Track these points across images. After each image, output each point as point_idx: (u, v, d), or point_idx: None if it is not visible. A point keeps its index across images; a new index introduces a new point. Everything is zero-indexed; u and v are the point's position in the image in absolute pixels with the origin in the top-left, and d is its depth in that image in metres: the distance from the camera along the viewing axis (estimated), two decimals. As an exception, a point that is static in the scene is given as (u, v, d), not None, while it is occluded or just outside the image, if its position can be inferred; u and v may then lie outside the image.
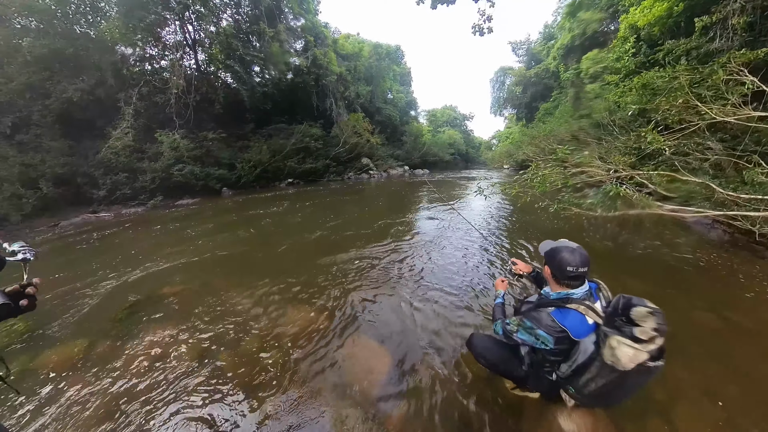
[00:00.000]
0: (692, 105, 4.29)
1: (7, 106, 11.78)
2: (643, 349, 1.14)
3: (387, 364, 2.14)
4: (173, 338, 2.58)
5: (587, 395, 1.36)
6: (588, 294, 1.40)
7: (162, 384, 2.08)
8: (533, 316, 1.42)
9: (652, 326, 1.13)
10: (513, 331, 1.48)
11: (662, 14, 10.02)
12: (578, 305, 1.33)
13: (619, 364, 1.17)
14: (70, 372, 2.27)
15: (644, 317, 1.15)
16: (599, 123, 10.31)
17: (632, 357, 1.14)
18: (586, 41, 19.07)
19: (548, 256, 1.45)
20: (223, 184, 15.15)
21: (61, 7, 13.24)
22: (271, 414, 1.81)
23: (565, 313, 1.34)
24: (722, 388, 1.82)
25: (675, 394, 1.78)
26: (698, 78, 4.54)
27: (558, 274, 1.39)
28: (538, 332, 1.37)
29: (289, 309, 2.93)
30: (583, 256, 1.36)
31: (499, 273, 3.58)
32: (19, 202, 10.17)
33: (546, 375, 1.54)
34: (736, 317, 2.48)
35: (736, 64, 4.31)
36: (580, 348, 1.35)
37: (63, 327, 2.91)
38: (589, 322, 1.31)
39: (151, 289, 3.63)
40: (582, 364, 1.35)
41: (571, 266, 1.33)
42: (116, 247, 6.13)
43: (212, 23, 16.71)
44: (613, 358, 1.18)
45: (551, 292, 1.48)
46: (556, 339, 1.34)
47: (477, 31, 7.51)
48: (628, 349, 1.15)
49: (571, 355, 1.39)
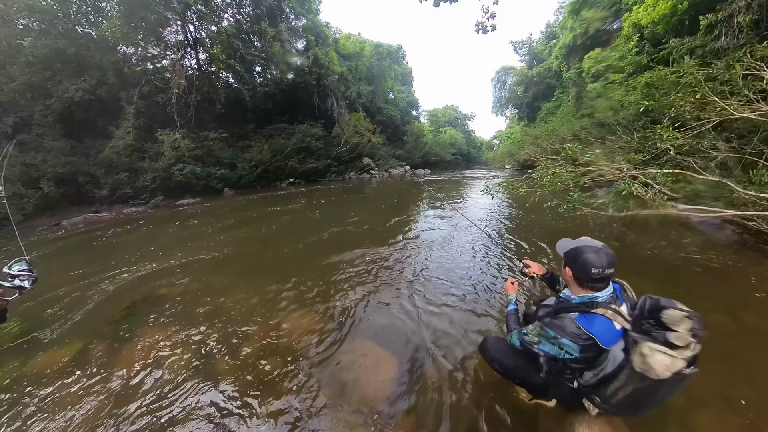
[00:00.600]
0: (710, 100, 4.19)
1: (8, 106, 11.80)
2: (679, 356, 1.04)
3: (393, 370, 2.06)
4: (171, 341, 2.53)
5: (615, 405, 1.25)
6: (614, 297, 1.29)
7: (157, 388, 2.04)
8: (555, 324, 1.29)
9: (688, 331, 1.03)
10: (533, 343, 1.36)
11: (666, 12, 9.95)
12: (605, 310, 1.22)
13: (651, 373, 1.06)
14: (63, 375, 2.22)
15: (679, 321, 1.05)
16: (602, 122, 10.26)
17: (668, 365, 1.04)
18: (589, 40, 18.98)
19: (569, 257, 1.34)
20: (225, 183, 15.14)
21: (62, 7, 13.26)
22: (271, 421, 1.76)
23: (590, 318, 1.23)
24: (742, 392, 1.75)
25: (694, 399, 1.71)
26: (714, 73, 4.44)
27: (581, 276, 1.28)
28: (562, 341, 1.25)
29: (291, 311, 2.88)
30: (609, 255, 1.25)
31: (508, 274, 3.52)
32: (20, 202, 10.17)
33: (567, 383, 1.41)
34: (751, 319, 2.41)
35: (754, 58, 4.22)
36: (609, 356, 1.23)
37: (59, 329, 2.87)
38: (617, 327, 1.21)
39: (149, 290, 3.58)
40: (610, 373, 1.24)
41: (596, 268, 1.22)
42: (117, 247, 6.10)
43: (213, 23, 16.70)
44: (644, 366, 1.08)
45: (573, 295, 1.36)
46: (582, 348, 1.22)
47: (480, 28, 7.45)
48: (664, 357, 1.04)
49: (597, 364, 1.28)
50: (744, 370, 1.92)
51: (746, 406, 1.67)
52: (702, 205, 3.71)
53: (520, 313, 1.70)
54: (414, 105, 40.58)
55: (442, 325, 2.55)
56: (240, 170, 15.87)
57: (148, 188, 12.90)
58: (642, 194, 3.91)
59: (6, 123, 11.58)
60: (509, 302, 1.73)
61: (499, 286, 3.19)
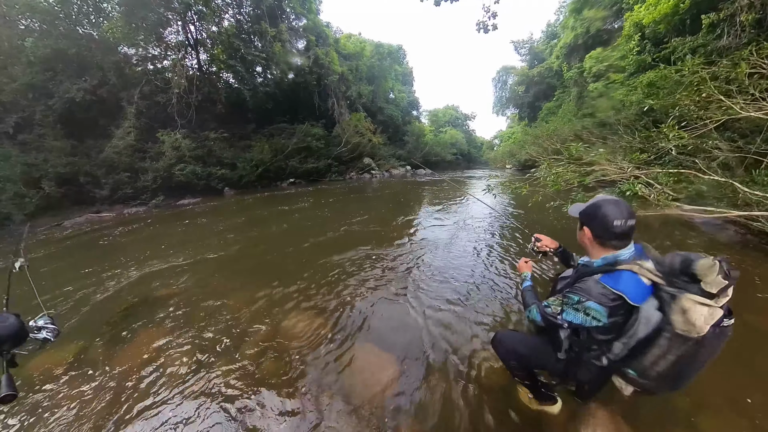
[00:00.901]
0: (715, 99, 4.16)
1: (10, 106, 11.82)
2: (716, 305, 0.97)
3: (393, 373, 2.04)
4: (169, 342, 2.52)
5: (655, 377, 1.11)
6: (638, 255, 1.17)
7: (157, 389, 2.03)
8: (578, 287, 1.17)
9: (721, 275, 0.96)
10: (556, 313, 1.22)
11: (668, 12, 9.91)
12: (630, 265, 1.11)
13: (693, 331, 0.98)
14: (64, 376, 2.22)
15: (710, 268, 0.98)
16: (603, 122, 10.22)
17: (707, 316, 0.96)
18: (590, 40, 18.94)
19: (587, 215, 1.23)
20: (225, 183, 15.16)
21: (63, 8, 13.29)
22: (271, 422, 1.75)
23: (615, 276, 1.11)
24: (747, 394, 1.73)
25: (698, 401, 1.69)
26: (719, 72, 4.40)
27: (602, 233, 1.17)
28: (588, 305, 1.13)
29: (294, 312, 2.86)
30: (629, 207, 1.15)
31: (511, 271, 3.52)
32: (21, 202, 10.20)
33: (593, 361, 1.26)
34: (756, 320, 2.39)
35: (761, 56, 4.19)
36: (640, 317, 1.10)
37: (60, 329, 2.86)
38: (645, 283, 1.09)
39: (149, 291, 3.58)
40: (644, 339, 1.10)
41: (618, 220, 1.11)
42: (117, 248, 6.10)
43: (214, 23, 16.72)
44: (686, 324, 0.99)
45: (593, 259, 1.24)
46: (610, 310, 1.10)
47: (481, 28, 7.43)
48: (703, 308, 0.96)
49: (627, 329, 1.14)
50: (749, 372, 1.90)
51: (752, 408, 1.65)
52: (705, 205, 3.69)
53: (536, 290, 1.56)
54: (415, 105, 40.57)
55: (446, 326, 2.53)
56: (240, 170, 15.89)
57: (148, 188, 12.92)
58: (645, 194, 3.89)
59: (8, 123, 11.60)
60: (524, 280, 1.59)
61: (503, 287, 3.18)
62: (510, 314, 2.72)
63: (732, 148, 4.46)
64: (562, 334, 1.32)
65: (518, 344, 1.53)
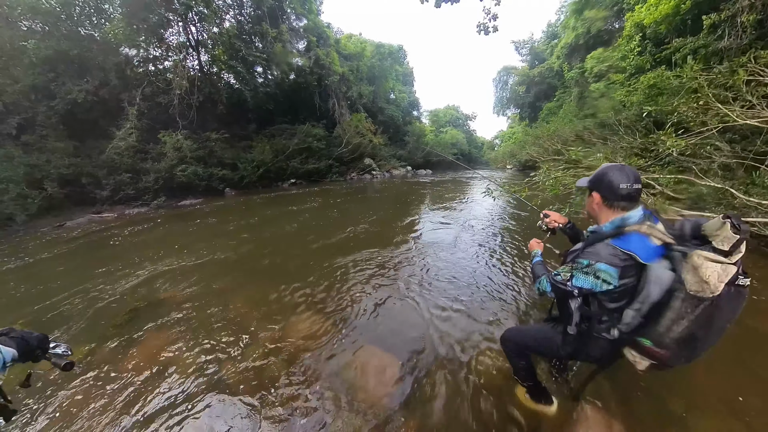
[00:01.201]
0: (713, 107, 4.18)
1: (12, 107, 11.87)
2: (729, 261, 0.95)
3: (395, 374, 2.08)
4: (176, 344, 2.55)
5: (670, 344, 1.09)
6: (646, 216, 1.19)
7: (161, 392, 2.06)
8: (588, 251, 1.18)
9: (731, 230, 0.95)
10: (566, 280, 1.21)
11: (669, 12, 9.88)
12: (638, 226, 1.12)
13: (707, 290, 0.96)
14: (71, 379, 2.24)
15: (719, 226, 0.97)
16: (604, 123, 10.21)
17: (721, 273, 0.94)
18: (591, 40, 18.91)
19: (595, 181, 1.26)
20: (226, 184, 15.19)
21: (65, 9, 13.33)
22: (276, 422, 1.77)
23: (625, 238, 1.12)
24: (742, 396, 1.75)
25: (692, 402, 1.72)
26: (718, 79, 4.42)
27: (610, 195, 1.20)
28: (598, 267, 1.12)
29: (299, 313, 2.89)
30: (635, 171, 1.19)
31: (513, 271, 3.54)
32: (24, 202, 10.24)
33: (603, 334, 1.25)
34: (753, 323, 2.41)
35: (759, 64, 4.20)
36: (651, 277, 1.08)
37: (64, 333, 2.90)
38: (655, 243, 1.09)
39: (153, 294, 3.61)
40: (658, 303, 1.08)
41: (623, 183, 1.16)
42: (119, 249, 6.14)
43: (215, 24, 16.74)
44: (699, 283, 0.97)
45: (603, 224, 1.26)
46: (621, 271, 1.09)
47: (482, 30, 7.44)
48: (715, 265, 0.95)
49: (638, 293, 1.12)
50: (745, 375, 1.92)
51: (746, 410, 1.67)
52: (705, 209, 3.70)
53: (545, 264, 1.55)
54: (415, 105, 40.54)
55: (449, 327, 2.56)
56: (242, 171, 15.91)
57: (150, 189, 12.96)
58: (644, 198, 3.91)
59: (10, 124, 11.65)
60: (533, 256, 1.58)
61: (505, 287, 3.21)
62: (512, 314, 2.75)
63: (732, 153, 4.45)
64: (573, 304, 1.30)
65: (526, 338, 1.58)
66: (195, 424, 1.79)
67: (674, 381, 1.87)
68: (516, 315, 2.75)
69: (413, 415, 1.77)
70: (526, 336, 1.60)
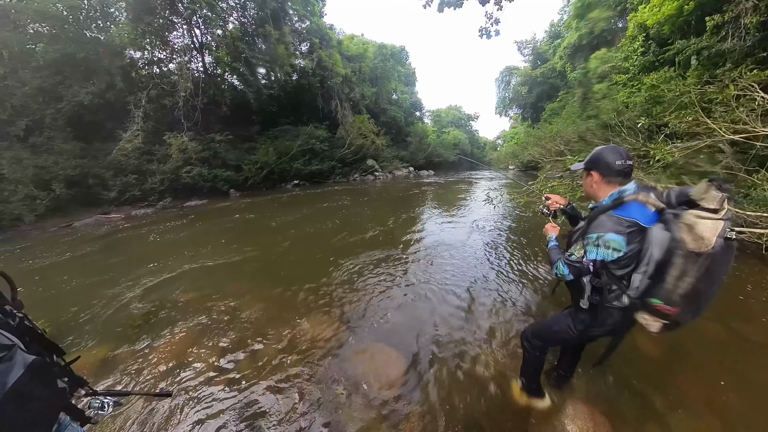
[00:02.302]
0: (702, 122, 4.26)
1: (21, 110, 12.05)
2: (719, 217, 1.06)
3: (402, 368, 2.19)
4: (194, 343, 2.63)
5: (679, 300, 1.16)
6: (640, 189, 1.30)
7: (182, 389, 2.13)
8: (594, 226, 1.27)
9: (715, 190, 1.06)
10: (580, 257, 1.31)
11: (672, 13, 9.85)
12: (635, 196, 1.24)
13: (703, 245, 1.06)
14: (94, 377, 2.32)
15: (705, 189, 1.08)
16: (607, 124, 10.20)
17: (713, 228, 1.05)
18: (594, 40, 18.85)
19: (591, 162, 1.37)
20: (230, 185, 15.32)
21: (72, 13, 13.51)
22: (287, 417, 1.85)
23: (624, 207, 1.23)
24: (725, 399, 1.81)
25: (675, 402, 1.79)
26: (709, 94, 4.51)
27: (607, 172, 1.31)
28: (606, 238, 1.21)
29: (308, 314, 2.98)
30: (626, 150, 1.32)
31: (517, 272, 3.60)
32: (32, 203, 10.41)
33: (614, 303, 1.33)
34: (744, 328, 2.44)
35: (747, 81, 4.26)
36: (651, 239, 1.19)
37: (84, 333, 2.97)
38: (651, 209, 1.22)
39: (168, 295, 3.69)
40: (662, 261, 1.17)
41: (618, 160, 1.28)
42: (129, 250, 6.24)
43: (219, 26, 16.89)
44: (696, 240, 1.07)
45: (601, 199, 1.36)
46: (627, 237, 1.19)
47: (484, 33, 7.48)
48: (708, 222, 1.06)
49: (642, 256, 1.23)
50: (731, 377, 1.96)
51: (727, 411, 1.73)
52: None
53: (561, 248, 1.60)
54: (417, 106, 40.55)
55: (453, 327, 2.65)
56: (246, 172, 16.03)
57: (156, 190, 13.11)
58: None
59: (19, 126, 11.84)
60: (549, 241, 1.62)
61: (508, 287, 3.28)
62: (519, 312, 2.82)
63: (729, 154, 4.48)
64: (585, 278, 1.39)
65: (544, 330, 1.66)
66: (210, 420, 1.86)
67: (660, 381, 1.94)
68: (523, 313, 2.82)
69: (417, 407, 1.87)
70: (544, 328, 1.67)
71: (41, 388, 0.73)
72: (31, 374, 0.69)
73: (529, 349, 1.70)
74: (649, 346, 2.22)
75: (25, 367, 0.68)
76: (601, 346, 1.50)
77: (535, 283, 3.42)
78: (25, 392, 0.67)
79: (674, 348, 2.22)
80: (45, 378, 0.76)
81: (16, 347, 0.71)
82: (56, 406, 0.81)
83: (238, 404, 1.96)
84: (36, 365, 0.71)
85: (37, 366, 0.72)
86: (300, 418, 1.84)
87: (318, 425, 1.79)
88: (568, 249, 1.43)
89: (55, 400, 0.80)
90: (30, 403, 0.69)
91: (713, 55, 7.68)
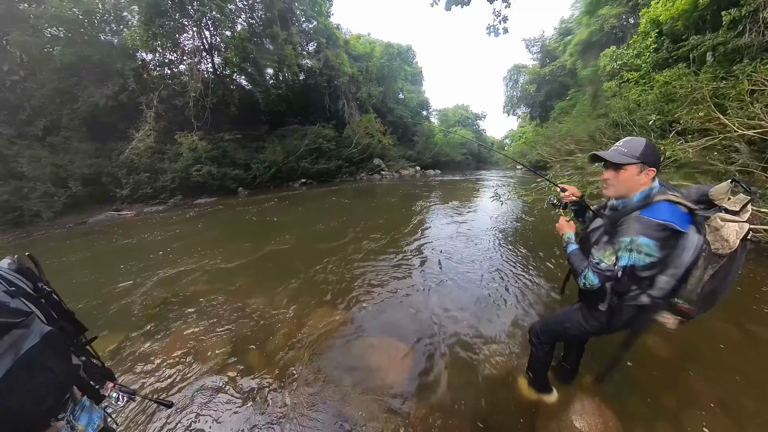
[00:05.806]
0: (714, 117, 4.16)
1: (39, 110, 12.47)
2: (744, 220, 1.03)
3: (408, 363, 2.21)
4: (203, 336, 2.70)
5: (698, 300, 1.14)
6: (665, 187, 1.20)
7: (194, 378, 2.20)
8: (623, 229, 1.16)
9: (743, 193, 1.04)
10: (611, 264, 1.18)
11: (687, 7, 9.62)
12: (664, 196, 1.14)
13: (727, 246, 1.04)
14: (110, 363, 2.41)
15: (726, 189, 1.06)
16: (617, 123, 10.02)
17: (739, 231, 1.02)
18: (605, 37, 18.51)
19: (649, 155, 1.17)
20: (239, 183, 15.56)
21: (87, 17, 13.90)
22: (296, 408, 1.89)
23: (653, 208, 1.13)
24: (737, 399, 1.78)
25: (687, 402, 1.77)
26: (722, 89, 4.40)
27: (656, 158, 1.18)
28: (639, 242, 1.11)
29: (314, 309, 3.03)
30: None
31: (521, 272, 3.60)
32: (50, 200, 10.77)
33: (632, 303, 1.25)
34: (758, 329, 2.38)
35: (762, 75, 4.15)
36: (687, 244, 1.11)
37: (100, 322, 3.09)
38: (683, 210, 1.13)
39: (180, 289, 3.79)
40: (691, 263, 1.12)
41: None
42: (142, 246, 6.40)
43: (228, 28, 17.14)
44: (721, 242, 1.05)
45: (634, 194, 1.21)
46: (660, 242, 1.09)
47: (492, 32, 7.43)
48: (733, 225, 1.04)
49: (670, 261, 1.14)
50: (743, 378, 1.93)
51: (740, 411, 1.70)
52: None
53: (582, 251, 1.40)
54: (424, 105, 40.42)
55: (459, 322, 2.66)
56: (254, 170, 16.26)
57: (167, 188, 13.41)
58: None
59: (37, 126, 12.25)
60: (567, 243, 1.43)
61: (518, 287, 3.27)
62: (522, 308, 2.81)
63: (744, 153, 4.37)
64: (608, 283, 1.26)
65: (553, 324, 1.61)
66: (219, 408, 1.92)
67: (671, 381, 1.92)
68: (531, 308, 2.82)
69: (423, 400, 1.89)
70: (554, 324, 1.60)
71: (54, 360, 0.72)
72: (45, 344, 0.69)
73: (537, 345, 1.68)
74: (661, 346, 2.19)
75: (41, 337, 0.69)
76: (606, 343, 1.50)
77: (544, 278, 3.41)
78: (38, 361, 0.67)
79: (687, 349, 2.18)
80: (59, 350, 0.76)
81: (34, 315, 0.71)
82: (68, 381, 0.81)
83: (246, 397, 2.01)
84: (51, 336, 0.72)
85: (53, 337, 0.72)
86: (308, 410, 1.87)
87: (326, 417, 1.82)
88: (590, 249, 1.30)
89: (68, 374, 0.80)
90: (42, 373, 0.68)
91: (729, 51, 7.48)
